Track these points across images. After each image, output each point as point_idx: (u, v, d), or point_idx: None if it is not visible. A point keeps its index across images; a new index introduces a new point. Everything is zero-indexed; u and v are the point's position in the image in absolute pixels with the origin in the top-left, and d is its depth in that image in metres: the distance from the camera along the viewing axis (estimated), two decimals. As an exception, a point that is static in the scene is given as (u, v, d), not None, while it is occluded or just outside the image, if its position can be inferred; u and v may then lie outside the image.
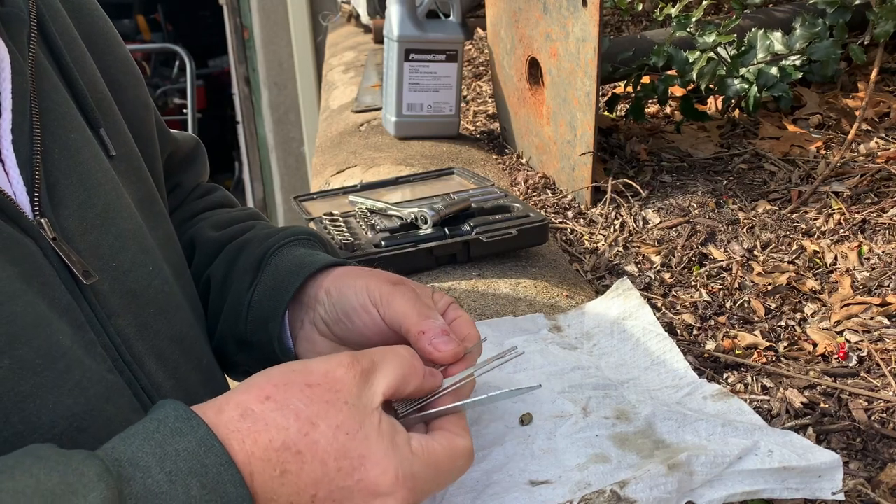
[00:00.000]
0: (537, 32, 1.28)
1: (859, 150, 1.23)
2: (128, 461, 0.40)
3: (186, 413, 0.43)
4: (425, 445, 0.47)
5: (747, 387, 0.77)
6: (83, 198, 0.54)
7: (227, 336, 0.69)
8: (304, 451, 0.43)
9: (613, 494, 0.50)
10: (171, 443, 0.41)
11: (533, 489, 0.54)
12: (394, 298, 0.58)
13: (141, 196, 0.64)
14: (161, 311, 0.58)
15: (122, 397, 0.50)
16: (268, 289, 0.65)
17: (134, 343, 0.54)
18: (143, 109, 0.70)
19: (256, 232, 0.74)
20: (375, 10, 2.67)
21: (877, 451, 0.66)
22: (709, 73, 1.31)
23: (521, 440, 0.59)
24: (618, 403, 0.63)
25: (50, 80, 0.56)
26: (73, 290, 0.51)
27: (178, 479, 0.40)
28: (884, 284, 0.91)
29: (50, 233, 0.50)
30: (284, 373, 0.46)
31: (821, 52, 1.35)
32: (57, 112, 0.56)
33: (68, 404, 0.46)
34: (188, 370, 0.59)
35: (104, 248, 0.55)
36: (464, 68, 1.58)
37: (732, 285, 0.96)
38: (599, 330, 0.76)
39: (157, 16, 6.54)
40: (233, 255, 0.71)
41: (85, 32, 0.65)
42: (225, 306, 0.69)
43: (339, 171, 1.43)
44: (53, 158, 0.54)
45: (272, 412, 0.44)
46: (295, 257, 0.66)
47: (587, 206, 1.21)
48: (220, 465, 0.41)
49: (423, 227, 0.97)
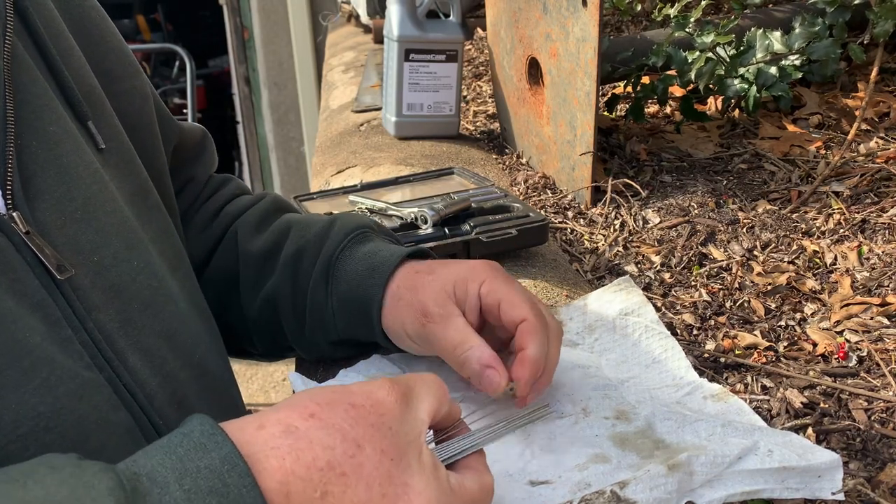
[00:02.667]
0: (537, 32, 1.28)
1: (859, 150, 1.23)
2: (146, 475, 0.38)
3: (213, 429, 0.40)
4: (462, 483, 0.46)
5: (747, 387, 0.77)
6: (62, 191, 0.53)
7: (321, 340, 0.72)
8: (349, 474, 0.41)
9: (613, 495, 0.50)
10: (193, 459, 0.39)
11: (532, 489, 0.54)
12: (427, 337, 0.62)
13: (133, 189, 0.63)
14: (147, 307, 0.57)
15: (100, 395, 0.49)
16: (346, 296, 0.69)
17: (116, 338, 0.53)
18: (141, 100, 0.69)
19: (302, 234, 0.75)
20: (375, 10, 2.67)
21: (877, 451, 0.66)
22: (707, 72, 1.30)
23: (521, 440, 0.59)
24: (617, 404, 0.64)
25: (29, 73, 0.55)
26: (49, 285, 0.49)
27: (196, 497, 0.37)
28: (884, 284, 0.91)
29: (22, 227, 0.49)
30: (327, 392, 0.45)
31: (820, 51, 1.35)
32: (35, 104, 0.54)
33: (32, 403, 0.44)
34: (176, 366, 0.58)
35: (84, 243, 0.54)
36: (464, 68, 1.58)
37: (732, 285, 0.96)
38: (601, 324, 0.76)
39: (157, 16, 6.54)
40: (292, 267, 0.73)
41: (75, 24, 0.64)
42: (307, 320, 0.71)
43: (339, 171, 1.43)
44: (31, 151, 0.53)
45: (317, 430, 0.41)
46: (360, 261, 0.69)
47: (587, 206, 1.21)
48: (241, 486, 0.38)
49: (423, 227, 0.97)
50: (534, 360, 0.59)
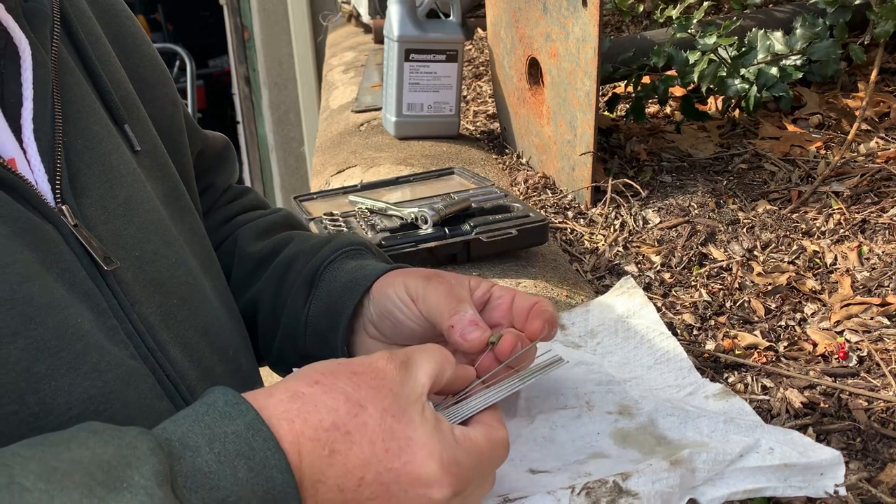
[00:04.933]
0: (537, 32, 1.28)
1: (859, 150, 1.23)
2: (178, 440, 0.40)
3: (236, 398, 0.43)
4: (467, 435, 0.48)
5: (747, 387, 0.77)
6: (105, 188, 0.55)
7: (288, 351, 0.71)
8: (353, 432, 0.44)
9: (615, 486, 0.50)
10: (220, 425, 0.42)
11: (533, 476, 0.54)
12: (428, 293, 0.60)
13: (166, 191, 0.64)
14: (185, 302, 0.59)
15: (145, 383, 0.51)
16: (323, 306, 0.67)
17: (158, 331, 0.54)
18: (172, 106, 0.71)
19: (300, 245, 0.75)
20: (376, 10, 2.67)
21: (877, 450, 0.66)
22: (710, 74, 1.31)
23: (524, 425, 0.60)
24: (621, 399, 0.64)
25: (73, 75, 0.57)
26: (95, 276, 0.51)
27: (226, 460, 0.40)
28: (884, 284, 0.91)
29: (71, 220, 0.51)
30: (330, 363, 0.48)
31: (821, 51, 1.35)
32: (79, 104, 0.57)
33: (85, 386, 0.46)
34: (214, 361, 0.59)
35: (126, 238, 0.55)
36: (464, 68, 1.58)
37: (732, 285, 0.96)
38: (604, 328, 0.76)
39: (158, 16, 6.55)
40: (281, 271, 0.73)
41: (113, 33, 0.66)
42: (281, 325, 0.71)
43: (339, 171, 1.43)
44: (76, 149, 0.55)
45: (322, 394, 0.45)
46: (346, 273, 0.68)
47: (587, 206, 1.21)
48: (267, 450, 0.41)
49: (423, 227, 0.97)
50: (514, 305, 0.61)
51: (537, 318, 0.60)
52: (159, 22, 6.56)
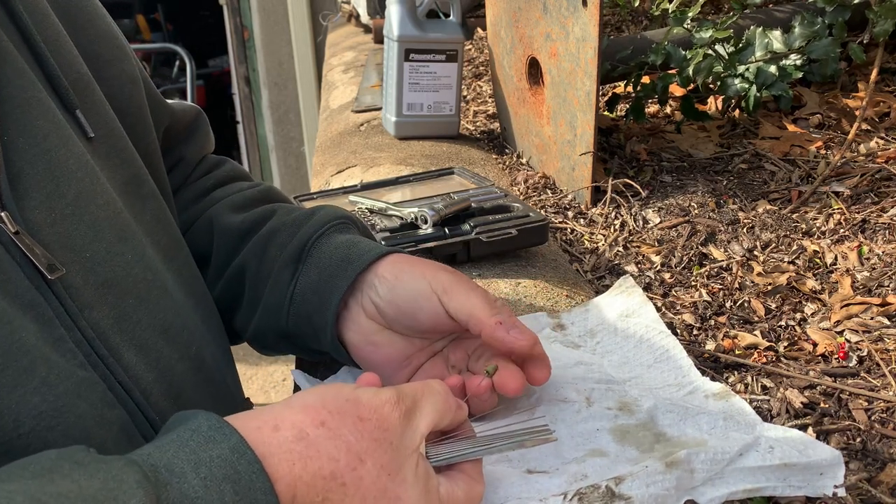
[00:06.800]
0: (537, 32, 1.28)
1: (859, 150, 1.23)
2: (164, 467, 0.40)
3: (219, 423, 0.43)
4: (452, 493, 0.49)
5: (747, 387, 0.77)
6: (51, 187, 0.52)
7: (266, 328, 0.69)
8: (348, 484, 0.45)
9: (608, 490, 0.50)
10: (205, 450, 0.41)
11: (529, 477, 0.54)
12: (459, 289, 0.60)
13: (125, 178, 0.62)
14: (142, 301, 0.56)
15: (95, 392, 0.49)
16: (312, 283, 0.66)
17: (110, 336, 0.52)
18: (130, 84, 0.67)
19: (282, 218, 0.72)
20: (375, 10, 2.67)
21: (877, 451, 0.66)
22: (705, 68, 1.30)
23: (525, 417, 0.60)
24: (620, 396, 0.64)
25: (14, 66, 0.54)
26: (40, 285, 0.49)
27: (212, 484, 0.40)
28: (884, 284, 0.91)
29: (11, 227, 0.48)
30: (338, 399, 0.47)
31: (820, 50, 1.35)
32: (20, 99, 0.53)
33: (34, 402, 0.44)
34: (173, 360, 0.58)
35: (76, 239, 0.53)
36: (464, 68, 1.58)
37: (732, 285, 0.96)
38: (603, 327, 0.76)
39: (157, 16, 6.55)
40: (262, 244, 0.70)
41: (61, 8, 0.62)
42: (263, 299, 0.69)
43: (339, 171, 1.43)
44: (18, 148, 0.51)
45: (326, 440, 0.45)
46: (338, 248, 0.66)
47: (587, 206, 1.21)
48: (252, 473, 0.41)
49: (423, 227, 0.97)
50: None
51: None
52: (159, 22, 6.56)
